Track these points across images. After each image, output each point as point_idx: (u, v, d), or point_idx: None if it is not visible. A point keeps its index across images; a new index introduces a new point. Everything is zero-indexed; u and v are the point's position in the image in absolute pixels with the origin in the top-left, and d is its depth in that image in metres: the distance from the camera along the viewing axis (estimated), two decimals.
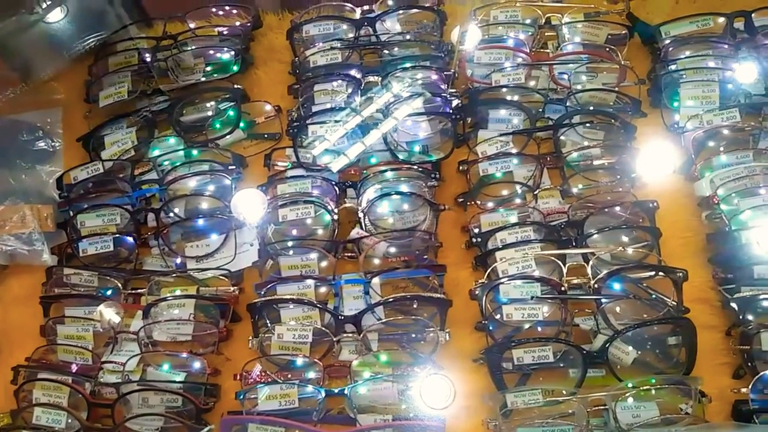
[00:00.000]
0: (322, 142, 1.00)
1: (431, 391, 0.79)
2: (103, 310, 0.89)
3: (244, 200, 0.93)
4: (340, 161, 0.99)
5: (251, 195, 0.93)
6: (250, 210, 0.93)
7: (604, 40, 1.07)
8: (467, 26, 1.06)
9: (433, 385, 0.79)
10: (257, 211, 0.92)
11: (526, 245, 0.89)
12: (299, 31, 1.12)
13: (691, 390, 0.78)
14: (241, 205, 0.93)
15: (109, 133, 1.05)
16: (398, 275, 0.90)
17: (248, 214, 0.93)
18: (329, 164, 0.98)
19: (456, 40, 1.05)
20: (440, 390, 0.79)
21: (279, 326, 0.85)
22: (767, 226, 0.87)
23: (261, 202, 0.93)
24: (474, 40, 1.06)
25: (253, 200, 0.93)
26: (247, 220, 0.93)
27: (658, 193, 0.95)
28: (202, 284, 0.91)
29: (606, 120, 1.00)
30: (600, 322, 0.84)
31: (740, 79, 1.00)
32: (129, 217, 0.96)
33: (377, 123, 1.01)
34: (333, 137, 1.00)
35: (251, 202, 0.93)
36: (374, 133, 1.00)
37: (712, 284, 0.89)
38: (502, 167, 0.98)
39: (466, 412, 0.83)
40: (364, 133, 1.00)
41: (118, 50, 1.12)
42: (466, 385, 0.85)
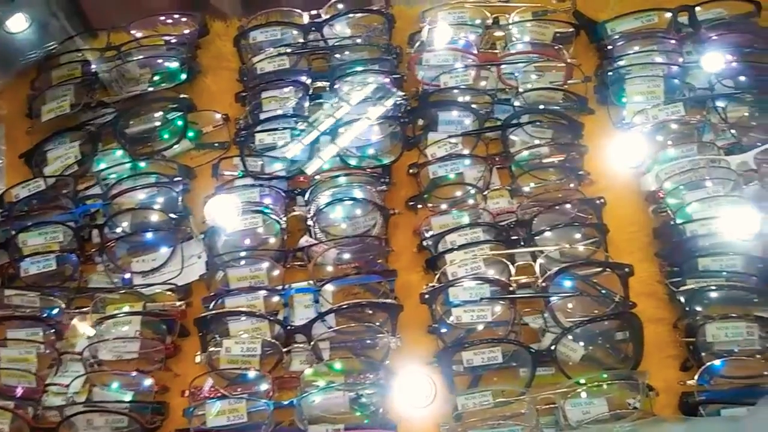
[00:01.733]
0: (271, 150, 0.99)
1: (412, 389, 0.79)
2: (76, 324, 0.87)
3: (216, 207, 0.92)
4: (314, 164, 0.97)
5: (224, 201, 0.91)
6: (223, 216, 0.91)
7: (551, 39, 1.07)
8: (433, 26, 1.06)
9: (414, 383, 0.79)
10: (231, 217, 0.91)
11: (475, 247, 0.89)
12: (246, 37, 1.10)
13: (639, 384, 0.79)
14: (214, 211, 0.91)
15: (51, 148, 1.03)
16: (348, 282, 0.89)
17: (221, 220, 0.91)
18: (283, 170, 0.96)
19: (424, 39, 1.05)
20: (421, 388, 0.78)
21: (227, 340, 0.84)
22: (712, 218, 0.88)
23: (235, 207, 0.91)
24: (442, 40, 1.05)
25: (226, 206, 0.91)
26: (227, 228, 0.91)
27: (606, 190, 0.96)
28: (148, 300, 0.89)
29: (554, 118, 1.00)
30: (548, 320, 0.84)
31: (684, 73, 1.01)
32: (72, 234, 0.94)
33: (326, 128, 1.00)
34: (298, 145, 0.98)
35: (224, 208, 0.91)
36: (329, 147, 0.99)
37: (659, 278, 0.89)
38: (452, 169, 0.97)
39: (420, 417, 0.83)
40: (316, 139, 0.99)
41: (61, 63, 1.10)
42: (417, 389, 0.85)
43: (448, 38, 1.08)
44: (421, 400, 0.78)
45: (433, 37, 1.08)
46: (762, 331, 0.80)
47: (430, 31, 1.08)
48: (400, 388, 0.80)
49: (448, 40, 1.08)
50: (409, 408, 0.80)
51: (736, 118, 0.97)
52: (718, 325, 0.80)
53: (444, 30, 1.08)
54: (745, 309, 0.82)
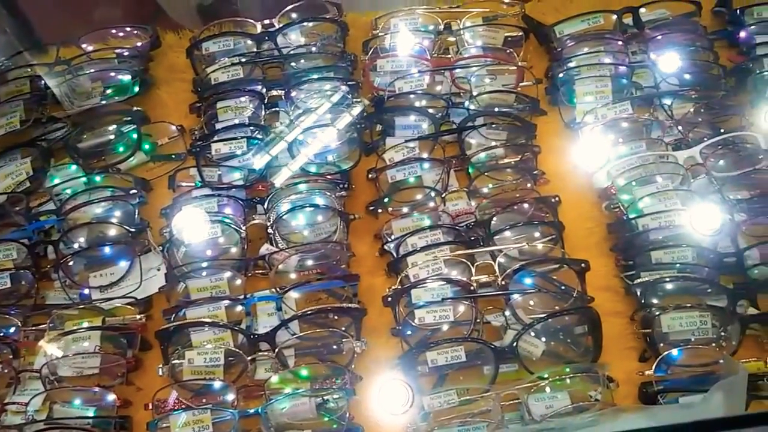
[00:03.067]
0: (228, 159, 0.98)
1: (389, 396, 0.79)
2: (44, 345, 0.84)
3: (185, 219, 0.91)
4: (282, 174, 0.97)
5: (192, 213, 0.91)
6: (191, 229, 0.90)
7: (502, 43, 1.10)
8: (387, 33, 1.08)
9: (391, 390, 0.79)
10: (190, 227, 0.90)
11: (436, 248, 0.90)
12: (199, 48, 1.10)
13: (599, 376, 0.81)
14: (182, 224, 0.90)
15: (2, 165, 1.00)
16: (311, 288, 0.89)
17: (189, 233, 0.90)
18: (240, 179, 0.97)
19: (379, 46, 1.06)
20: (398, 396, 0.78)
21: (189, 351, 0.83)
22: (663, 212, 0.91)
23: (204, 219, 0.91)
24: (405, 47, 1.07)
25: (195, 218, 0.91)
26: (186, 239, 0.91)
27: (560, 188, 0.98)
28: (108, 314, 0.88)
29: (507, 120, 1.03)
30: (509, 317, 0.86)
31: (631, 72, 1.04)
32: (26, 251, 0.92)
33: (283, 136, 1.00)
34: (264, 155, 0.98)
35: (192, 221, 0.91)
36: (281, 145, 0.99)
37: (616, 272, 0.92)
38: (410, 173, 0.99)
39: (384, 421, 0.83)
40: (270, 148, 0.99)
41: (9, 79, 1.08)
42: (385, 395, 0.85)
43: (402, 44, 1.10)
44: (398, 407, 0.78)
45: (387, 44, 1.09)
46: (715, 320, 0.83)
47: (383, 38, 1.09)
48: (376, 395, 0.80)
49: (401, 47, 1.09)
50: (386, 415, 0.80)
51: (681, 114, 1.01)
52: (673, 316, 0.82)
53: (397, 36, 1.09)
54: (698, 299, 0.85)
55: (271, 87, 1.05)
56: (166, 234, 0.93)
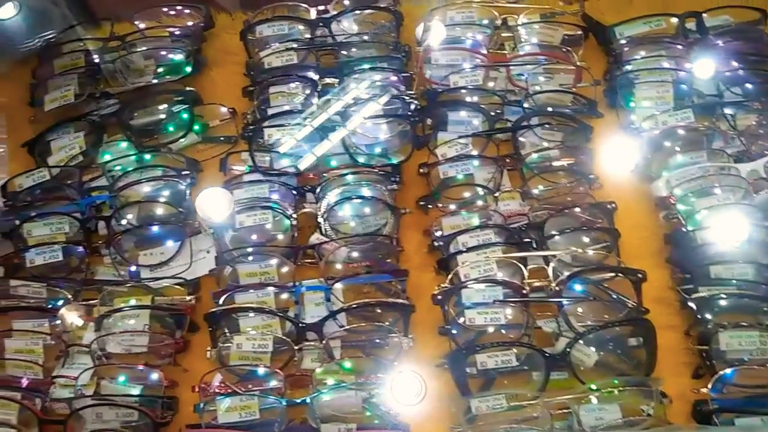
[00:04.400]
0: (279, 145, 0.97)
1: (402, 388, 0.78)
2: (64, 314, 0.85)
3: (208, 200, 0.89)
4: (306, 160, 0.96)
5: (216, 194, 0.89)
6: (215, 210, 0.89)
7: (559, 41, 1.07)
8: (430, 24, 1.04)
9: (404, 382, 0.78)
10: (223, 210, 0.89)
11: (487, 248, 0.89)
12: (253, 31, 1.09)
13: (653, 391, 0.79)
14: (206, 204, 0.89)
15: (55, 138, 1.00)
16: (360, 281, 0.89)
17: (213, 214, 0.89)
18: (291, 166, 0.95)
19: (420, 38, 1.04)
20: (411, 387, 0.78)
21: (238, 336, 0.83)
22: (722, 226, 0.89)
23: (227, 201, 0.89)
24: (438, 38, 1.05)
25: (219, 199, 0.89)
26: (211, 220, 0.90)
27: (616, 194, 0.96)
28: (157, 294, 0.88)
29: (563, 121, 1.01)
30: (562, 324, 0.84)
31: (693, 79, 1.02)
32: (78, 226, 0.92)
33: (336, 125, 0.99)
34: (291, 140, 0.97)
35: (216, 202, 0.89)
36: (336, 134, 0.98)
37: (671, 284, 0.90)
38: (462, 170, 0.97)
39: (431, 418, 0.83)
40: (323, 136, 0.98)
41: (64, 52, 1.07)
42: (429, 391, 0.84)
43: (457, 38, 1.08)
44: (411, 399, 0.78)
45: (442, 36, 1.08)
46: None
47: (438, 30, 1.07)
48: (391, 386, 0.79)
49: (456, 40, 1.07)
50: (398, 406, 0.79)
51: (744, 126, 0.98)
52: (732, 334, 0.80)
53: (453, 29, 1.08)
54: (757, 318, 0.83)
55: (325, 74, 1.04)
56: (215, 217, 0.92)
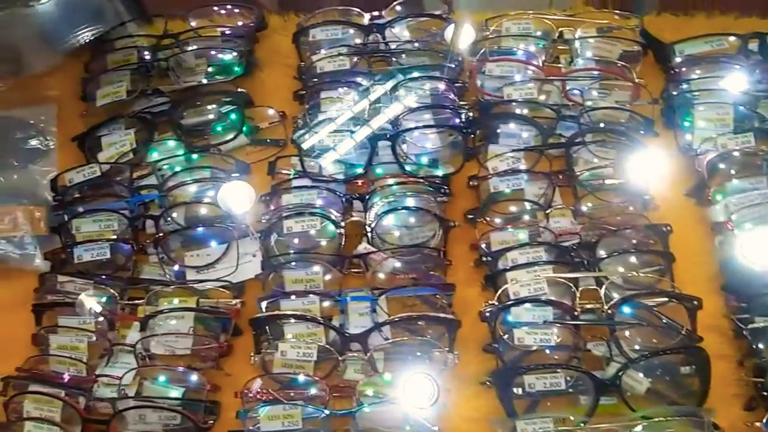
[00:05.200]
0: (329, 151, 0.97)
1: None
2: (84, 299, 0.85)
3: (231, 192, 0.90)
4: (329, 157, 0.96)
5: (238, 187, 0.90)
6: (237, 203, 0.89)
7: (617, 57, 1.05)
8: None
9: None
10: (244, 204, 0.89)
11: (537, 267, 0.87)
12: (306, 34, 1.08)
13: (704, 422, 0.77)
14: (228, 197, 0.89)
15: (106, 133, 1.00)
16: (406, 292, 0.88)
17: (235, 206, 0.89)
18: (340, 173, 0.95)
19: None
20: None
21: (282, 343, 0.82)
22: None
23: (248, 194, 0.89)
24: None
25: (241, 193, 0.89)
26: (233, 212, 0.90)
27: (670, 215, 0.93)
28: (202, 295, 0.87)
29: (618, 139, 0.98)
30: (613, 348, 0.82)
31: (755, 102, 0.99)
32: (127, 224, 0.92)
33: (386, 133, 0.98)
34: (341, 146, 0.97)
35: (238, 195, 0.89)
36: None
37: (725, 312, 0.87)
38: (513, 184, 0.95)
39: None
40: (373, 144, 0.97)
41: (117, 48, 1.08)
42: (472, 410, 0.83)
43: (511, 48, 1.06)
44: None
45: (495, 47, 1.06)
46: None
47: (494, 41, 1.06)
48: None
49: (511, 51, 1.06)
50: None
51: None
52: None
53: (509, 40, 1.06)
54: None
55: (377, 81, 1.03)
56: (264, 221, 0.92)
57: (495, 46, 1.07)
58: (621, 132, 0.99)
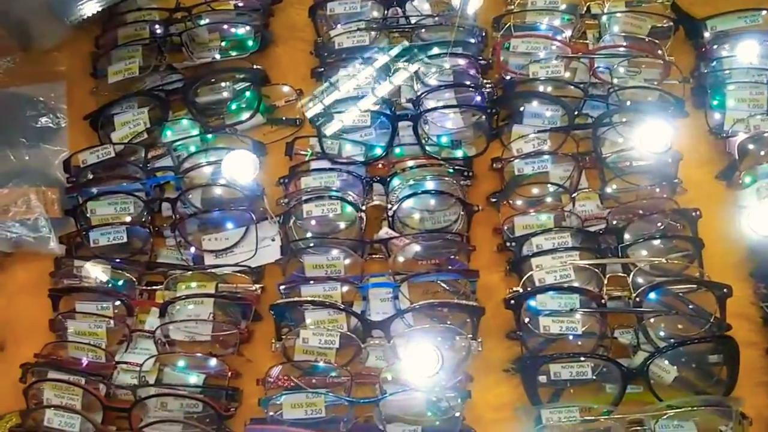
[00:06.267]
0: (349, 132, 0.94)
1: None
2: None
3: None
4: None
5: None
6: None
7: (647, 33, 1.01)
8: (528, 10, 1.00)
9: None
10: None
11: (564, 253, 0.85)
12: (323, 8, 1.04)
13: (732, 411, 0.76)
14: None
15: (119, 112, 0.97)
16: (429, 278, 0.86)
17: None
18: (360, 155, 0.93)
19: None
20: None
21: (304, 330, 0.81)
22: None
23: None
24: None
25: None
26: (305, 212, 0.88)
27: (698, 200, 0.91)
28: (221, 280, 0.86)
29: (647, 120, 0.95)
30: (640, 336, 0.80)
31: None
32: (143, 206, 0.90)
33: (408, 113, 0.95)
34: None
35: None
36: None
37: (753, 299, 0.86)
38: (539, 167, 0.92)
39: (496, 425, 0.81)
40: (394, 124, 0.94)
41: (128, 21, 1.04)
42: (496, 397, 0.83)
43: (537, 23, 1.02)
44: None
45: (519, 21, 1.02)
46: None
47: (519, 15, 1.01)
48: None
49: (536, 26, 1.02)
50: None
51: None
52: None
53: (535, 15, 1.02)
54: None
55: (397, 58, 0.99)
56: (283, 204, 0.90)
57: (519, 20, 1.02)
58: (650, 112, 0.95)
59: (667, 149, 0.91)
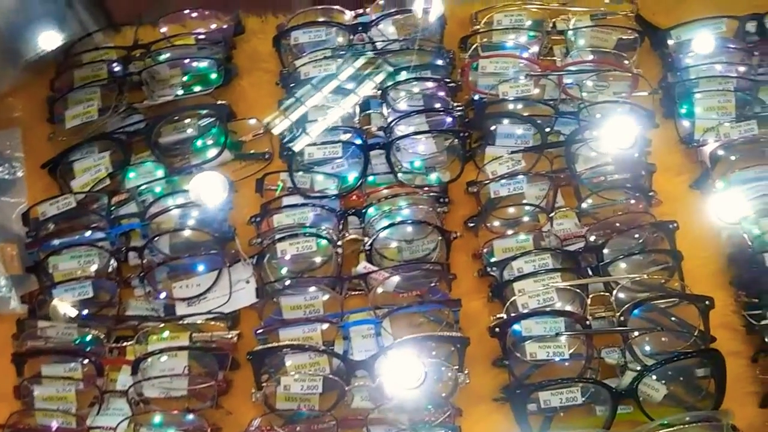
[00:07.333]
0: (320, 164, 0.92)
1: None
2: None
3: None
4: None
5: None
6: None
7: (613, 46, 1.01)
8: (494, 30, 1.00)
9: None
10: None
11: (545, 275, 0.84)
12: (287, 37, 1.02)
13: (723, 426, 0.75)
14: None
15: (79, 158, 0.93)
16: (411, 310, 0.84)
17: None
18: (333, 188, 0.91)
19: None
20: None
21: (285, 377, 0.78)
22: None
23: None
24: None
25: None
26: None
27: (674, 211, 0.91)
28: (195, 329, 0.82)
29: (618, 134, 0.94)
30: (627, 355, 0.79)
31: (756, 87, 0.95)
32: (108, 257, 0.86)
33: (379, 142, 0.93)
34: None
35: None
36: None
37: (735, 308, 0.85)
38: (513, 188, 0.91)
39: None
40: (366, 154, 0.92)
41: (84, 62, 1.00)
42: (487, 428, 0.81)
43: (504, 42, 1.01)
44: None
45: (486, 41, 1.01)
46: None
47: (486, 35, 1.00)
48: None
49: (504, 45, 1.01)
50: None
51: None
52: None
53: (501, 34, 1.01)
54: None
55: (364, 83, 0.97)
56: (256, 244, 0.87)
57: (486, 40, 1.01)
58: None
59: (634, 144, 0.91)
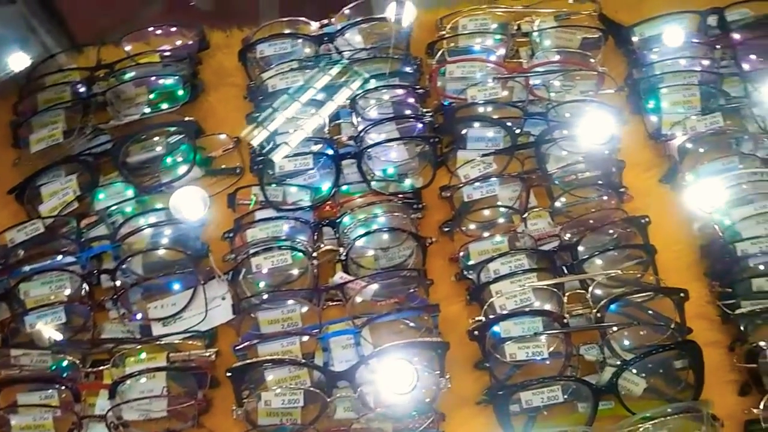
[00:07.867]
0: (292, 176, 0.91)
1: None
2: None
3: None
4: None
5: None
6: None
7: (578, 46, 1.02)
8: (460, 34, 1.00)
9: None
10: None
11: (521, 276, 0.84)
12: (252, 51, 1.02)
13: (703, 415, 0.76)
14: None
15: (46, 182, 0.92)
16: (389, 318, 0.83)
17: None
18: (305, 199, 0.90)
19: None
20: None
21: (265, 392, 0.77)
22: (762, 236, 0.85)
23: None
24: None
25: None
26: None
27: (645, 205, 0.92)
28: (172, 349, 0.81)
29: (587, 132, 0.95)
30: (605, 351, 0.80)
31: (719, 80, 0.97)
32: (80, 281, 0.85)
33: (350, 151, 0.93)
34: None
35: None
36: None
37: (709, 298, 0.86)
38: (486, 191, 0.92)
39: None
40: (337, 164, 0.92)
41: (47, 84, 0.99)
42: (470, 430, 0.81)
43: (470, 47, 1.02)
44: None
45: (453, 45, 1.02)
46: None
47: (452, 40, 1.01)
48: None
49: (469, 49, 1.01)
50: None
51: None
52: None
53: (467, 38, 1.02)
54: None
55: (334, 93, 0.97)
56: (230, 260, 0.86)
57: (453, 44, 1.02)
58: None
59: (609, 140, 0.92)
